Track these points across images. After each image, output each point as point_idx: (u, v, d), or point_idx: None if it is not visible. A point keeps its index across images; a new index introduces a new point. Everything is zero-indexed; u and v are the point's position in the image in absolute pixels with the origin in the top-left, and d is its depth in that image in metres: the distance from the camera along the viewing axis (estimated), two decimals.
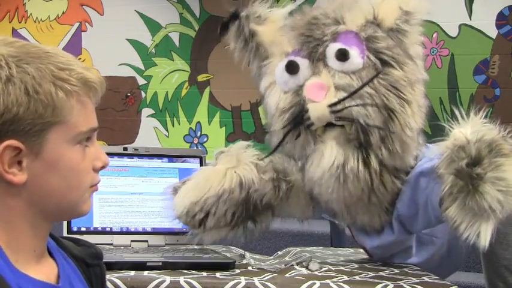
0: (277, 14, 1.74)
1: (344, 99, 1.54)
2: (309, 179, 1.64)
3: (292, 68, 1.62)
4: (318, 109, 1.56)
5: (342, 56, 1.57)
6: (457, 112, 1.49)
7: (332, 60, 1.58)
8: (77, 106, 0.92)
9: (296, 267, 1.63)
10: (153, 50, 4.87)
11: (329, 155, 1.57)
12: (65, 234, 1.69)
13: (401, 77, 1.57)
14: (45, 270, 0.96)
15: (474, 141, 1.41)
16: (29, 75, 0.88)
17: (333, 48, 1.59)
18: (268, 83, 1.69)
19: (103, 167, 0.98)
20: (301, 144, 1.63)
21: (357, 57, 1.57)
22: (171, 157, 1.88)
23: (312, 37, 1.62)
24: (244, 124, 4.64)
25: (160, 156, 1.87)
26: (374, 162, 1.57)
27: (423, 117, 1.63)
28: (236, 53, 1.77)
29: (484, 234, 1.37)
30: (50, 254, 1.00)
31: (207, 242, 1.71)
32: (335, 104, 1.55)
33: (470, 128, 1.44)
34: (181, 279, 1.42)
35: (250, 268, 1.61)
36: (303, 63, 1.62)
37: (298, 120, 1.59)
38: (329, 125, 1.59)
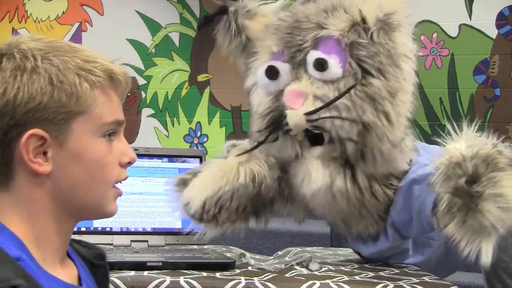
0: (267, 9, 1.73)
1: (319, 109, 1.53)
2: (301, 194, 1.64)
3: (271, 74, 1.60)
4: (295, 116, 1.55)
5: (320, 66, 1.54)
6: (449, 126, 1.48)
7: (311, 69, 1.56)
8: (102, 97, 0.93)
9: (296, 267, 1.63)
10: (153, 50, 4.87)
11: (315, 177, 1.56)
12: None
13: (380, 87, 1.53)
14: (68, 272, 0.96)
15: (470, 157, 1.39)
16: (54, 66, 0.90)
17: (312, 56, 1.56)
18: (252, 82, 1.69)
19: (130, 163, 0.99)
20: (279, 148, 1.62)
21: (335, 67, 1.54)
22: (171, 157, 1.88)
23: (292, 43, 1.60)
24: (244, 124, 4.64)
25: (160, 156, 1.87)
26: (361, 179, 1.57)
27: (404, 125, 1.59)
28: (223, 47, 1.76)
29: (486, 251, 1.37)
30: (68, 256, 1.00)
31: (208, 237, 1.69)
32: (311, 113, 1.53)
33: (465, 143, 1.43)
34: (181, 279, 1.42)
35: (250, 268, 1.61)
36: (284, 68, 1.59)
37: (277, 125, 1.58)
38: (310, 136, 1.58)
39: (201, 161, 1.88)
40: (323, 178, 1.55)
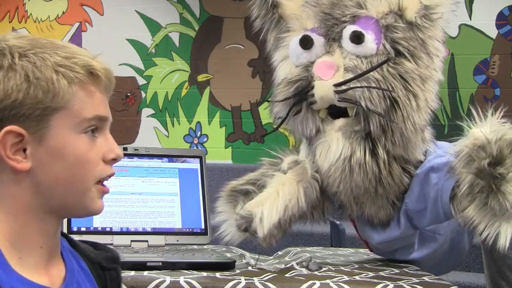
0: None
1: (350, 80, 1.55)
2: (318, 170, 1.65)
3: (306, 43, 1.63)
4: (323, 87, 1.57)
5: (356, 38, 1.57)
6: (474, 112, 1.48)
7: (346, 42, 1.59)
8: (81, 93, 0.92)
9: (296, 267, 1.63)
10: (153, 50, 4.87)
11: (335, 148, 1.58)
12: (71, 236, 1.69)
13: (413, 69, 1.56)
14: (52, 272, 0.95)
15: (495, 140, 1.41)
16: (31, 63, 0.89)
17: (349, 29, 1.59)
18: (283, 56, 1.71)
19: (115, 160, 0.97)
20: (300, 121, 1.64)
21: (371, 42, 1.57)
22: (171, 157, 1.88)
23: (331, 16, 1.63)
24: (244, 124, 4.64)
25: (160, 156, 1.87)
26: (381, 153, 1.57)
27: (429, 114, 1.61)
28: (258, 20, 1.76)
29: (504, 235, 1.38)
30: (61, 255, 0.99)
31: (237, 242, 1.72)
32: (340, 84, 1.55)
33: (489, 128, 1.45)
34: (181, 279, 1.42)
35: (250, 268, 1.61)
36: (318, 40, 1.63)
37: (302, 95, 1.59)
38: (333, 112, 1.60)
39: (201, 161, 1.88)
40: (343, 149, 1.57)
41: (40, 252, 0.93)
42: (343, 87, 1.55)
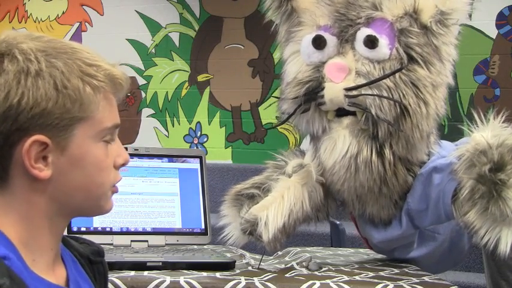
0: None
1: (361, 86, 1.54)
2: (321, 167, 1.65)
3: (319, 43, 1.61)
4: (333, 90, 1.56)
5: (370, 42, 1.56)
6: (475, 115, 1.48)
7: (360, 45, 1.58)
8: (103, 102, 0.92)
9: (296, 267, 1.63)
10: (153, 50, 4.87)
11: (341, 145, 1.57)
12: (64, 233, 1.69)
13: (425, 76, 1.56)
14: (58, 272, 0.96)
15: (496, 145, 1.41)
16: (57, 70, 0.88)
17: (363, 32, 1.58)
18: (293, 50, 1.69)
19: (124, 164, 0.98)
20: (307, 120, 1.64)
21: (385, 47, 1.56)
22: (171, 157, 1.88)
23: (346, 16, 1.61)
24: (244, 124, 4.64)
25: (160, 156, 1.87)
26: (388, 153, 1.57)
27: (437, 120, 1.61)
28: (270, 11, 1.75)
29: (505, 240, 1.38)
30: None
31: (240, 244, 1.72)
32: (351, 89, 1.55)
33: (491, 132, 1.44)
34: (181, 279, 1.42)
35: (250, 268, 1.61)
36: (331, 40, 1.61)
37: (312, 95, 1.59)
38: (341, 113, 1.59)
39: (201, 161, 1.88)
40: (349, 147, 1.56)
41: (50, 253, 0.94)
42: (354, 92, 1.54)
